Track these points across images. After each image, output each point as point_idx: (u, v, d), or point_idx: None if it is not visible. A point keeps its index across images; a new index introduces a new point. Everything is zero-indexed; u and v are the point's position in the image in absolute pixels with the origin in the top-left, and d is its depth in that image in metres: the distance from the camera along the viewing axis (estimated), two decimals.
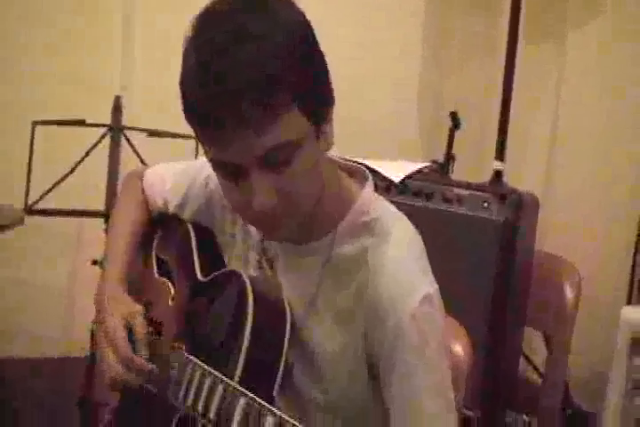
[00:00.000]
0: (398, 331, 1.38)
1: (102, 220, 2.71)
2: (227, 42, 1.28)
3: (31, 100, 3.19)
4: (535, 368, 2.99)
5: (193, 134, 1.38)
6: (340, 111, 1.45)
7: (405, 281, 1.41)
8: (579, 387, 3.01)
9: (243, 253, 1.61)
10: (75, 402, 2.44)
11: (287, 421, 1.27)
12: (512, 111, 2.96)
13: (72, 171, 2.74)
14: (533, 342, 3.00)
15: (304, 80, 1.31)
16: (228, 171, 1.36)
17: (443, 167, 2.89)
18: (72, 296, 3.35)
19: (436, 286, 1.44)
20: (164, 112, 1.43)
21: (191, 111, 1.33)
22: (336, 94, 1.41)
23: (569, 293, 2.58)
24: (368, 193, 1.51)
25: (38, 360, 3.29)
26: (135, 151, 2.77)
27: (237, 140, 1.29)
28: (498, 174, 2.87)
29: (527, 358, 3.01)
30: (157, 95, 1.63)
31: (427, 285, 1.43)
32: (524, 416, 2.50)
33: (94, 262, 2.60)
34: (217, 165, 1.38)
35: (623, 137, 3.14)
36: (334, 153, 1.51)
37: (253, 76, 1.26)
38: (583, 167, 3.29)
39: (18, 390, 3.15)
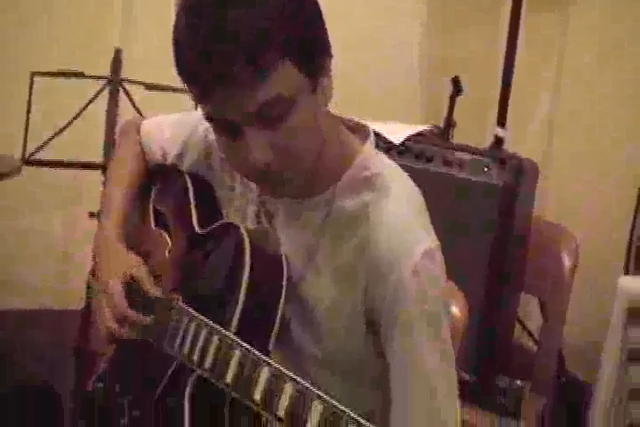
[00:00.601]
0: (399, 285, 1.37)
1: (100, 172, 2.70)
2: (215, 3, 1.28)
3: (30, 51, 3.17)
4: (530, 335, 2.99)
5: None
6: (340, 74, 1.44)
7: (406, 236, 1.40)
8: (573, 356, 3.01)
9: (241, 207, 1.59)
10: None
11: (282, 372, 1.27)
12: (514, 78, 2.94)
13: (70, 122, 2.73)
14: (529, 308, 3.00)
15: (295, 35, 1.30)
16: (223, 127, 1.36)
17: (443, 133, 2.87)
18: (69, 248, 3.33)
19: (438, 242, 1.43)
20: (164, 66, 1.41)
21: (182, 71, 1.33)
22: (336, 58, 1.40)
23: (566, 260, 2.57)
24: (369, 148, 1.49)
25: (37, 312, 3.29)
26: (133, 104, 2.75)
27: (228, 98, 1.29)
28: (498, 141, 2.85)
29: (523, 324, 3.01)
30: (158, 48, 1.61)
31: (428, 240, 1.42)
32: (518, 382, 2.50)
33: (92, 215, 2.59)
34: (211, 121, 1.37)
35: (624, 104, 3.12)
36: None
37: (242, 37, 1.25)
38: (584, 136, 3.27)
39: (17, 343, 3.15)
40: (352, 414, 1.17)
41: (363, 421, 1.16)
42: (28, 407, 2.81)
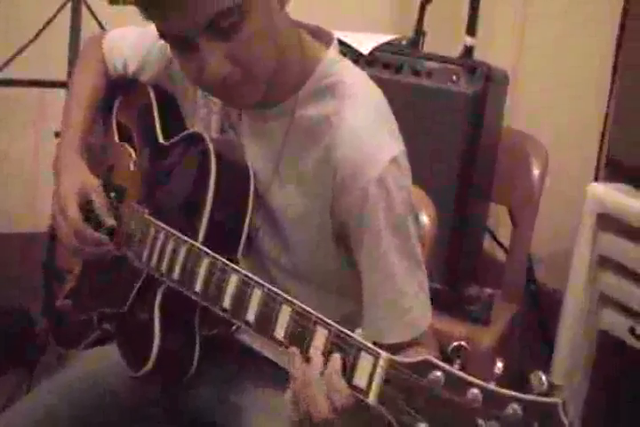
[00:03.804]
0: (365, 195, 1.36)
1: (64, 91, 2.65)
2: None
3: None
4: (501, 245, 3.01)
5: None
6: None
7: (371, 144, 1.39)
8: (544, 265, 3.04)
9: (204, 118, 1.58)
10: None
11: (251, 278, 1.27)
12: None
13: (33, 39, 2.67)
14: (499, 219, 3.02)
15: None
16: (177, 43, 1.33)
17: (413, 42, 2.83)
18: (37, 168, 3.28)
19: (403, 147, 1.42)
20: None
21: None
22: None
23: (535, 169, 2.58)
24: (332, 54, 1.47)
25: (6, 235, 3.26)
26: (96, 19, 2.69)
27: (176, 11, 1.26)
28: (468, 50, 2.81)
29: (492, 234, 3.03)
30: None
31: (393, 147, 1.40)
32: (488, 290, 2.52)
33: (58, 134, 2.55)
34: (165, 37, 1.35)
35: (594, 13, 3.09)
36: None
37: None
38: (553, 45, 3.24)
39: None
40: (319, 316, 1.18)
41: (329, 321, 1.17)
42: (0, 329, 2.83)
